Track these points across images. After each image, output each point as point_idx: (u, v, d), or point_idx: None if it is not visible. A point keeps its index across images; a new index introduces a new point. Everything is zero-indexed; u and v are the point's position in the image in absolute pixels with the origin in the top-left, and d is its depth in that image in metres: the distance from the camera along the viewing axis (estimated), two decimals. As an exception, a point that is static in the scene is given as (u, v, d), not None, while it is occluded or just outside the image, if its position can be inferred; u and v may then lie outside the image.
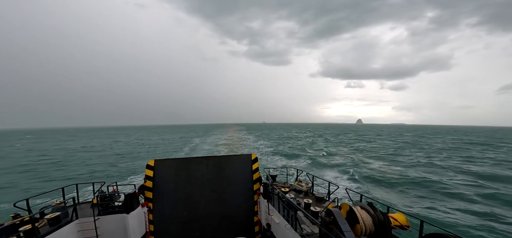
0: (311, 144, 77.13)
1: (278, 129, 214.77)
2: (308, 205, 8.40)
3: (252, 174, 11.45)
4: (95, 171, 36.49)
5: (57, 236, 7.33)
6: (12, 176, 34.18)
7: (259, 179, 11.49)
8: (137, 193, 9.36)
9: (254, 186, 11.31)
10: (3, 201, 19.64)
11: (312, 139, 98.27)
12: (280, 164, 39.64)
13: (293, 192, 10.88)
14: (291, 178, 14.56)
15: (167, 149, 65.34)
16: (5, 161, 48.00)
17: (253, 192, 11.25)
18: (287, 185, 11.92)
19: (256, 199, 11.21)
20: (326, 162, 42.96)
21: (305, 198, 9.73)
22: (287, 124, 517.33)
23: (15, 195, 22.49)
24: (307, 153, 54.25)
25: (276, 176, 12.94)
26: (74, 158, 51.72)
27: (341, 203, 5.76)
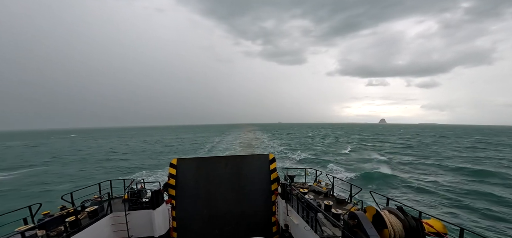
0: (325, 144, 74.53)
1: (291, 129, 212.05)
2: (328, 207, 8.02)
3: (270, 174, 11.33)
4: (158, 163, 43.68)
5: (95, 228, 7.93)
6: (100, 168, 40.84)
7: (277, 179, 11.32)
8: (161, 190, 9.77)
9: (271, 186, 11.18)
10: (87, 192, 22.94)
11: (328, 139, 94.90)
12: (298, 165, 38.82)
13: (312, 193, 10.49)
14: (309, 179, 14.08)
15: (192, 147, 69.53)
16: (93, 156, 56.53)
17: (270, 192, 11.12)
18: (305, 185, 11.56)
19: (273, 199, 11.06)
20: (343, 161, 41.11)
21: (325, 200, 9.33)
22: (304, 124, 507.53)
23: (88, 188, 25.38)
24: (322, 153, 52.52)
25: (294, 176, 12.66)
26: (138, 151, 62.69)
27: (366, 206, 5.35)
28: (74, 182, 31.16)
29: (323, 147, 66.80)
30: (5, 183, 32.09)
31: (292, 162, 42.30)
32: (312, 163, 40.10)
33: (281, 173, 12.27)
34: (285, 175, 11.72)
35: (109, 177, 32.65)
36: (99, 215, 8.32)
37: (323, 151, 57.93)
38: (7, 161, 51.65)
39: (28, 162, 49.16)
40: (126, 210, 8.78)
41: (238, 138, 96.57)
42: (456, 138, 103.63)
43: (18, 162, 49.73)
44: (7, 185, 30.62)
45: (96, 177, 33.37)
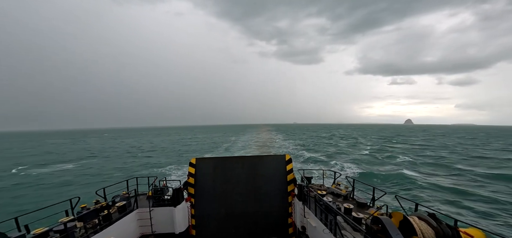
0: (342, 145, 71.39)
1: (307, 130, 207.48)
2: (349, 210, 7.61)
3: (286, 175, 11.16)
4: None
5: (123, 222, 8.46)
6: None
7: (293, 180, 11.12)
8: (182, 188, 10.11)
9: (288, 187, 11.00)
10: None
11: (346, 140, 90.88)
12: (315, 166, 37.73)
13: (331, 195, 10.07)
14: (327, 181, 13.56)
15: (209, 147, 72.27)
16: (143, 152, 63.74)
17: (287, 193, 10.95)
18: (323, 188, 11.16)
19: (290, 200, 10.88)
20: (361, 163, 38.94)
21: (345, 203, 8.89)
22: (320, 125, 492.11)
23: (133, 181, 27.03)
24: (338, 154, 50.37)
25: (311, 178, 12.31)
26: (170, 148, 69.89)
27: (392, 211, 4.96)
28: (119, 173, 35.73)
29: (340, 148, 64.19)
30: (72, 171, 38.69)
31: (308, 163, 41.24)
32: (329, 165, 38.70)
33: (297, 174, 12.00)
34: (302, 176, 11.44)
35: (139, 172, 36.75)
36: (127, 210, 8.86)
37: (340, 152, 55.67)
38: (68, 155, 61.31)
39: (83, 155, 58.98)
40: (150, 207, 9.22)
41: (253, 138, 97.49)
42: (492, 138, 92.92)
43: (75, 155, 59.53)
44: (73, 174, 36.39)
45: (130, 171, 37.28)
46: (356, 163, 39.97)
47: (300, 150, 60.00)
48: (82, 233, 6.89)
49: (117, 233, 7.88)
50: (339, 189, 10.43)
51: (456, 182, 27.37)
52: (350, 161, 42.74)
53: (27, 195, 25.70)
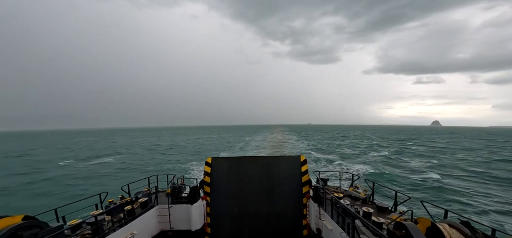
0: (359, 146, 68.09)
1: (322, 131, 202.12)
2: (368, 214, 7.21)
3: (301, 176, 10.95)
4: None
5: (145, 217, 8.85)
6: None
7: (309, 181, 10.86)
8: (198, 187, 10.35)
9: (303, 188, 10.78)
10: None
11: (363, 141, 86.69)
12: (330, 168, 36.52)
13: (348, 198, 9.65)
14: (344, 183, 13.01)
15: (223, 146, 74.33)
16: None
17: (301, 194, 10.73)
18: (340, 190, 10.73)
19: (305, 202, 10.66)
20: (379, 166, 36.79)
21: (364, 206, 8.44)
22: (336, 126, 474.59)
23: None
24: (354, 156, 48.12)
25: (327, 180, 11.91)
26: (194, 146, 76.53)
27: (418, 217, 4.58)
28: (147, 168, 39.37)
29: (356, 149, 61.44)
30: (112, 165, 44.33)
31: (323, 164, 40.05)
32: (345, 167, 37.19)
33: (313, 176, 11.70)
34: (317, 178, 11.13)
35: (162, 168, 39.37)
36: (148, 206, 9.27)
37: (355, 153, 53.30)
38: (103, 150, 69.31)
39: (117, 151, 66.50)
40: (169, 203, 9.56)
41: (267, 138, 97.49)
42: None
43: (110, 151, 67.93)
44: (111, 167, 41.41)
45: (154, 167, 40.55)
46: (374, 166, 37.97)
47: (313, 150, 58.72)
48: (109, 226, 7.34)
49: (140, 227, 8.27)
50: (357, 192, 9.96)
51: (487, 187, 24.74)
52: (367, 163, 40.75)
53: (76, 184, 30.16)
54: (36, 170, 40.18)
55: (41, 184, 30.45)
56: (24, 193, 26.73)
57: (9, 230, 4.77)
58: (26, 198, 24.71)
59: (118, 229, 7.39)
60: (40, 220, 5.50)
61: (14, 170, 39.68)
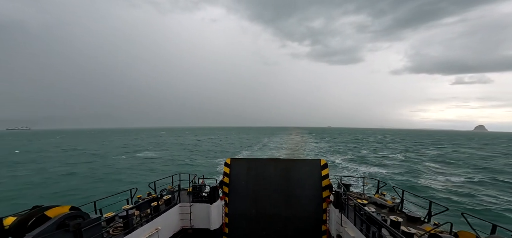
0: (384, 151, 62.77)
1: (343, 134, 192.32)
2: (396, 224, 6.57)
3: (321, 180, 10.51)
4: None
5: (168, 214, 9.29)
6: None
7: (329, 186, 10.37)
8: (217, 187, 10.55)
9: (323, 193, 10.31)
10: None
11: (389, 145, 79.90)
12: (353, 173, 34.41)
13: (373, 205, 8.93)
14: (369, 190, 12.10)
15: (241, 148, 75.56)
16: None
17: (321, 199, 10.30)
18: (364, 196, 10.00)
19: (325, 207, 10.22)
20: (410, 173, 33.36)
21: (392, 215, 7.73)
22: (359, 129, 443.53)
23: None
24: (380, 162, 44.44)
25: (349, 185, 11.22)
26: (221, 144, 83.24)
27: (459, 231, 4.01)
28: (178, 165, 43.33)
29: (381, 154, 56.87)
30: (156, 159, 50.48)
31: (346, 169, 37.90)
32: (369, 172, 34.64)
33: (334, 181, 11.13)
34: (339, 183, 10.56)
35: (188, 166, 42.39)
36: (171, 203, 9.72)
37: (380, 158, 49.30)
38: (146, 146, 78.42)
39: (156, 148, 74.80)
40: (190, 202, 9.91)
41: (285, 140, 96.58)
42: None
43: (151, 147, 76.17)
44: (155, 162, 46.80)
45: (184, 163, 44.75)
46: (402, 172, 34.72)
47: (332, 154, 56.12)
48: (137, 220, 7.86)
49: (163, 224, 8.70)
50: (383, 199, 9.17)
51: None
52: (393, 168, 37.45)
53: (135, 173, 36.21)
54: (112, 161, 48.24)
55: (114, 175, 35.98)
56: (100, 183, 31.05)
57: (59, 218, 5.38)
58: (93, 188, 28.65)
59: (145, 224, 7.86)
60: (82, 211, 6.09)
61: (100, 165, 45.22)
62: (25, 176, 34.16)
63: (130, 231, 7.13)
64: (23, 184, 29.72)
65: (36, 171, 37.37)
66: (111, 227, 7.32)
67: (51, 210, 5.50)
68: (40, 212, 5.37)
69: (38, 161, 48.01)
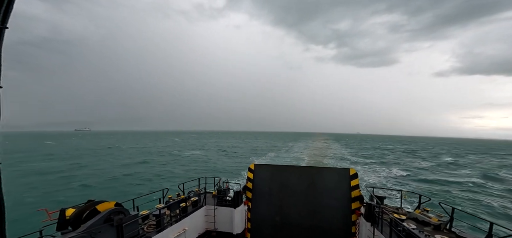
0: (428, 163, 54.59)
1: (375, 142, 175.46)
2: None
3: (350, 191, 9.71)
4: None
5: (194, 216, 9.59)
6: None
7: (360, 197, 9.49)
8: (241, 192, 10.55)
9: (352, 204, 9.46)
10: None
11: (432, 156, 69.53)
12: (388, 184, 30.84)
13: (414, 221, 7.77)
14: (408, 204, 10.61)
15: (263, 153, 75.45)
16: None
17: (350, 210, 9.49)
18: (402, 211, 8.80)
19: (354, 219, 9.37)
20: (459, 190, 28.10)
21: (437, 234, 6.61)
22: (394, 137, 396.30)
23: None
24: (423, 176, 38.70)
25: (384, 197, 10.06)
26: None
27: None
28: (216, 165, 47.51)
29: (423, 165, 49.80)
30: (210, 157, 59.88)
31: (379, 180, 34.22)
32: (407, 185, 30.53)
33: (365, 192, 10.14)
34: (371, 194, 9.57)
35: (230, 164, 46.94)
36: (198, 205, 10.03)
37: (423, 171, 43.09)
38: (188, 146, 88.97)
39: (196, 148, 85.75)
40: (214, 205, 10.09)
41: (309, 147, 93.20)
42: None
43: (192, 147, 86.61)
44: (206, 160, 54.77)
45: (219, 165, 48.38)
46: (451, 187, 29.68)
47: (362, 161, 51.99)
48: (168, 220, 8.27)
49: (190, 225, 8.99)
50: (426, 215, 7.91)
51: None
52: (440, 183, 32.27)
53: (195, 168, 43.15)
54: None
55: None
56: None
57: (107, 213, 5.97)
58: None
59: (174, 223, 8.24)
60: (124, 207, 6.64)
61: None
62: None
63: (161, 229, 7.53)
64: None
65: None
66: (146, 224, 7.84)
67: (101, 205, 6.12)
68: (92, 206, 6.03)
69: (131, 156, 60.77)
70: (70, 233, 5.35)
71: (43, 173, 37.09)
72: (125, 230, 6.28)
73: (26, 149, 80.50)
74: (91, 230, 5.45)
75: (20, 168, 40.97)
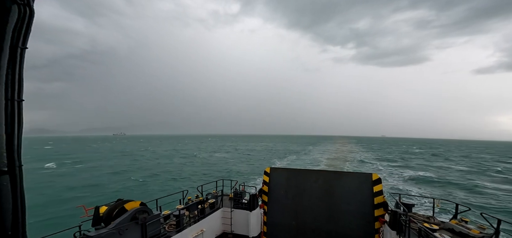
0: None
1: (402, 145, 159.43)
2: None
3: (373, 197, 8.99)
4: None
5: (212, 217, 9.74)
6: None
7: (383, 204, 8.76)
8: (257, 195, 10.47)
9: (375, 211, 8.74)
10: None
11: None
12: (416, 191, 27.76)
13: (448, 233, 6.84)
14: (442, 213, 9.39)
15: (280, 155, 75.66)
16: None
17: (373, 217, 8.81)
18: (434, 220, 7.82)
19: (377, 226, 8.70)
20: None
21: None
22: (425, 140, 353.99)
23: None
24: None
25: (412, 205, 9.09)
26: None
27: None
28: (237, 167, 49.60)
29: (456, 171, 43.75)
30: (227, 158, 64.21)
31: (405, 185, 31.03)
32: (441, 193, 27.06)
33: (390, 199, 9.29)
34: (396, 201, 8.73)
35: (257, 165, 49.42)
36: (215, 207, 10.18)
37: (460, 176, 37.83)
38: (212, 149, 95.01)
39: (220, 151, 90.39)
40: (231, 207, 10.16)
41: (328, 150, 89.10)
42: None
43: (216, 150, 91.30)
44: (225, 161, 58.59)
45: (251, 163, 53.54)
46: (489, 200, 25.52)
47: (384, 166, 47.62)
48: (187, 220, 8.53)
49: (207, 226, 9.14)
50: (464, 227, 6.89)
51: None
52: (479, 194, 27.96)
53: (226, 167, 47.19)
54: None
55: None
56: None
57: (133, 211, 6.35)
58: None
59: (193, 224, 8.47)
60: (148, 207, 6.99)
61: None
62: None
63: (180, 229, 7.80)
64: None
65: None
66: (167, 224, 8.20)
67: (128, 204, 6.53)
68: (121, 205, 6.47)
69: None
70: (102, 229, 5.82)
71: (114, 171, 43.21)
72: (148, 228, 6.60)
73: (91, 150, 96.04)
74: (119, 227, 5.85)
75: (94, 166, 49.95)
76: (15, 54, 2.04)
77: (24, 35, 2.10)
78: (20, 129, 2.14)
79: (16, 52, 2.05)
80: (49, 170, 44.85)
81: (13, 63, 2.04)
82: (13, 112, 2.07)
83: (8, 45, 1.99)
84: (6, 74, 1.98)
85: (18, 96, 2.11)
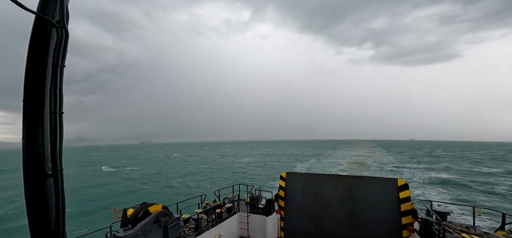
0: None
1: (427, 147, 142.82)
2: None
3: (399, 204, 8.15)
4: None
5: (229, 222, 9.69)
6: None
7: (412, 211, 7.90)
8: (273, 200, 10.21)
9: (402, 218, 7.90)
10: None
11: None
12: (453, 199, 24.52)
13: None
14: (482, 223, 8.12)
15: (296, 160, 74.82)
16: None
17: (400, 225, 7.95)
18: (474, 231, 6.82)
19: (405, 235, 7.84)
20: None
21: None
22: (462, 143, 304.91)
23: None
24: None
25: (447, 214, 8.09)
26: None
27: None
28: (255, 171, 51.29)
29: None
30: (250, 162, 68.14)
31: (439, 192, 27.62)
32: (484, 200, 23.44)
33: (419, 206, 8.35)
34: (427, 208, 7.85)
35: (265, 173, 48.62)
36: (232, 212, 10.16)
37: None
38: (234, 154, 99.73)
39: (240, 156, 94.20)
40: (247, 212, 10.04)
41: (349, 155, 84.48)
42: None
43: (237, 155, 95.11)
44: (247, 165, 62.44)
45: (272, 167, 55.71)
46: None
47: (412, 172, 42.80)
48: (205, 224, 8.60)
49: (224, 230, 9.10)
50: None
51: None
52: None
53: (256, 172, 49.67)
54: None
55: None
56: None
57: (156, 214, 6.56)
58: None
59: (211, 228, 8.51)
60: (169, 210, 7.18)
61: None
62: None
63: (199, 233, 7.88)
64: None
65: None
66: (187, 227, 8.37)
67: (152, 207, 6.76)
68: (145, 208, 6.73)
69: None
70: (129, 231, 6.14)
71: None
72: (170, 231, 6.77)
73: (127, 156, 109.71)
74: (144, 229, 6.11)
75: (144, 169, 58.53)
76: (56, 72, 2.31)
77: (63, 54, 2.37)
78: (61, 138, 2.39)
79: (56, 71, 2.32)
80: (107, 171, 56.94)
81: (55, 81, 2.31)
82: (56, 124, 2.32)
83: (51, 65, 2.26)
84: (50, 91, 2.25)
85: (59, 109, 2.37)
